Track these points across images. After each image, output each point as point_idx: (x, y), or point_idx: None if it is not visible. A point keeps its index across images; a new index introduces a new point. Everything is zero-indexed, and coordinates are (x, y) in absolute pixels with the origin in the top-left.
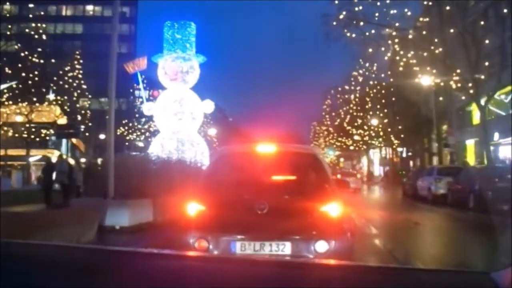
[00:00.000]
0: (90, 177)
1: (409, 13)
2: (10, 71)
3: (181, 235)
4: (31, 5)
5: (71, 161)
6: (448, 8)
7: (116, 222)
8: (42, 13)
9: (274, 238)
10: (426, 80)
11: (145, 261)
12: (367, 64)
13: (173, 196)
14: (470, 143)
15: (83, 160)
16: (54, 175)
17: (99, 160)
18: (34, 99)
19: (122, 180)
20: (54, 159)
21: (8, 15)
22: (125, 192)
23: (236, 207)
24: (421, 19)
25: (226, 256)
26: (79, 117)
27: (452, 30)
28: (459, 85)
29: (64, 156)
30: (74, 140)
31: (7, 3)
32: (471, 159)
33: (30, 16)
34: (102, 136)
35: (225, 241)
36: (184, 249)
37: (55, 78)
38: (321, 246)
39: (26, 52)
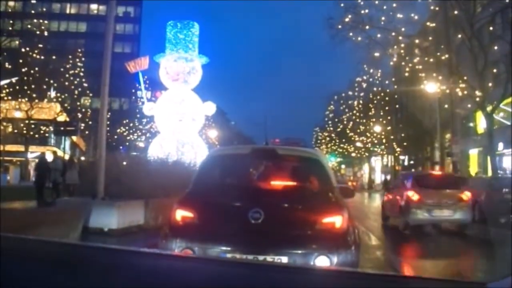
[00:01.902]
0: (85, 176)
1: (416, 17)
2: (10, 66)
3: (165, 244)
4: (33, 1)
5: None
6: (455, 12)
7: (103, 223)
8: (45, 9)
9: (269, 252)
10: (431, 87)
11: (140, 260)
12: (371, 70)
13: (168, 198)
14: (474, 153)
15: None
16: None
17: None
18: (34, 95)
19: (115, 180)
20: (48, 157)
21: (10, 10)
22: (117, 193)
23: (227, 215)
24: (428, 23)
25: (223, 258)
26: (79, 115)
27: (459, 36)
28: (465, 92)
29: (59, 154)
30: (74, 138)
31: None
32: (474, 168)
33: (33, 12)
34: None
35: (213, 253)
36: None
37: (56, 75)
38: (322, 261)
39: (27, 48)
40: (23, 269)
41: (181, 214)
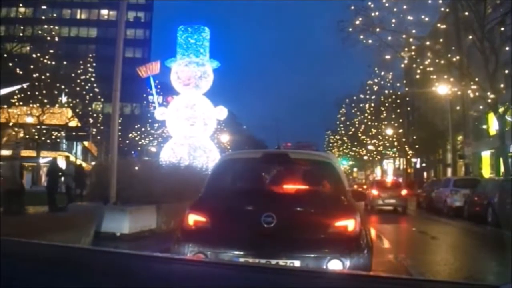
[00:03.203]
0: (97, 181)
1: (426, 19)
2: (21, 72)
3: (178, 248)
4: (44, 7)
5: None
6: (466, 14)
7: (115, 228)
8: (55, 15)
9: (281, 256)
10: (442, 89)
11: (152, 264)
12: (382, 73)
13: (181, 203)
14: (486, 155)
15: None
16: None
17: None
18: (45, 100)
19: (127, 185)
20: (60, 162)
21: (21, 16)
22: (129, 198)
23: (240, 220)
24: (438, 25)
25: (235, 262)
26: (91, 120)
27: (470, 37)
28: (477, 94)
29: (72, 159)
30: (86, 143)
31: (21, 5)
32: (486, 170)
33: (43, 18)
34: None
35: (226, 258)
36: None
37: (67, 81)
38: (334, 265)
39: (38, 54)
40: (34, 274)
41: (193, 219)
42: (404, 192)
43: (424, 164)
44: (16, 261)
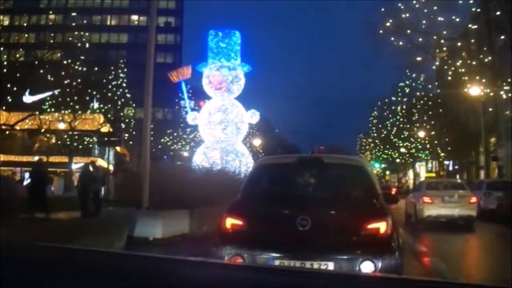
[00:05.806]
0: (126, 186)
1: (457, 20)
2: (52, 79)
3: (215, 251)
4: (74, 14)
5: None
6: (497, 13)
7: (148, 233)
8: (85, 21)
9: (315, 258)
10: (474, 90)
11: (185, 269)
12: (414, 75)
13: (213, 208)
14: None
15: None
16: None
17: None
18: (77, 106)
19: (160, 190)
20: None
21: (51, 24)
22: (162, 202)
23: (275, 223)
24: (469, 25)
25: (268, 265)
26: (123, 126)
27: (502, 37)
28: (510, 94)
29: (99, 164)
30: (118, 149)
31: (51, 12)
32: None
33: (74, 24)
34: None
35: (262, 260)
36: None
37: (98, 87)
38: (367, 267)
39: (69, 60)
40: (68, 279)
41: (230, 222)
42: (393, 191)
43: (456, 167)
44: (49, 266)
